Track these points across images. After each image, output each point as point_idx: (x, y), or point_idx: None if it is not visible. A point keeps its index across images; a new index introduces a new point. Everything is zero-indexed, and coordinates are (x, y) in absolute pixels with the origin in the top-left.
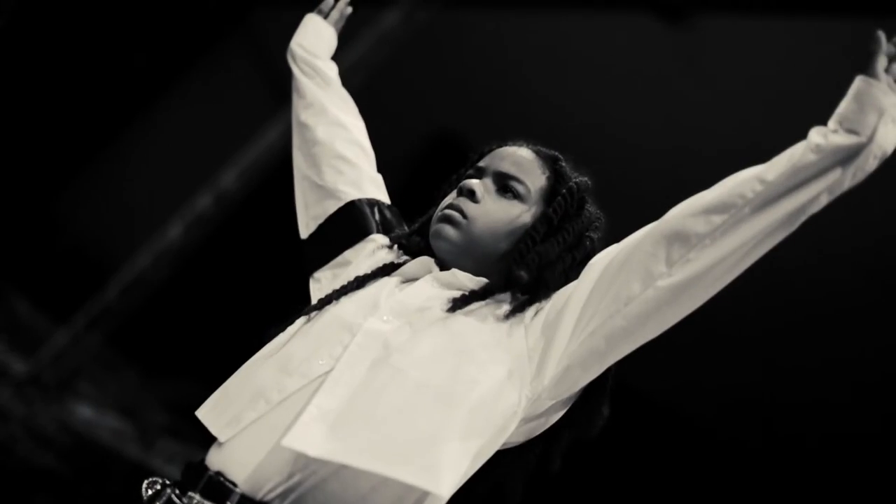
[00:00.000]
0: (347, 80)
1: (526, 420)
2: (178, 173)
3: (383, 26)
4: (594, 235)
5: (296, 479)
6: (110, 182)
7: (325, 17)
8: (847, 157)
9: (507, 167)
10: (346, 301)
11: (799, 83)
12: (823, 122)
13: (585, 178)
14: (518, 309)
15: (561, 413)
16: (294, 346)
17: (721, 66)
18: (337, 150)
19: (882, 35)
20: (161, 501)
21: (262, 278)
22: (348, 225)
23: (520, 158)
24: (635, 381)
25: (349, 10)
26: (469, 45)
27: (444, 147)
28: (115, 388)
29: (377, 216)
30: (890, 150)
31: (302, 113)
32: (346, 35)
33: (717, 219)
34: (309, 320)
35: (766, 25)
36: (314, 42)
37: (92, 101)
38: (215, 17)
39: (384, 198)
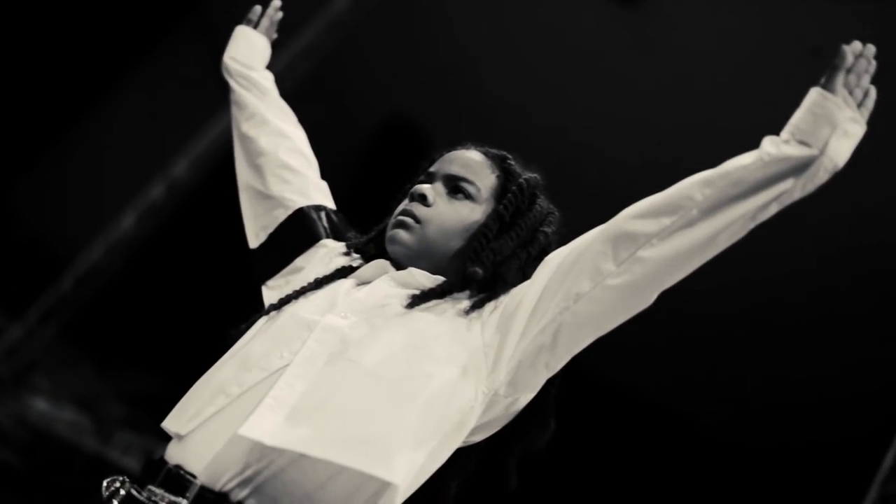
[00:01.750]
0: (299, 67)
1: (489, 419)
2: (130, 164)
3: (333, 11)
4: (548, 230)
5: (253, 468)
6: (62, 174)
7: (256, 26)
8: (798, 168)
9: (456, 169)
10: (304, 301)
11: (751, 63)
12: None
13: (535, 175)
14: (477, 306)
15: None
16: (254, 344)
17: (673, 46)
18: (281, 160)
19: (848, 52)
20: (120, 497)
21: (215, 267)
22: (298, 232)
23: (468, 160)
24: (626, 378)
25: (279, 15)
26: (420, 27)
27: (397, 130)
28: (71, 381)
29: (325, 222)
30: (841, 164)
31: (243, 125)
32: (297, 21)
33: (666, 220)
34: (268, 321)
35: (717, 5)
36: (247, 53)
37: (42, 94)
38: (166, 8)
39: (330, 204)
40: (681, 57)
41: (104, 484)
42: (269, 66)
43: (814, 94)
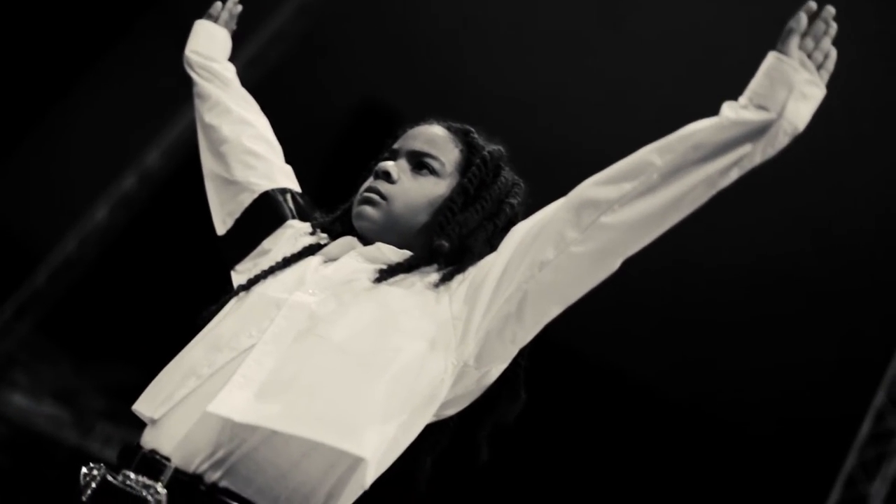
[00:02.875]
0: (269, 53)
1: (460, 393)
2: (101, 156)
3: None
4: (514, 201)
5: (225, 448)
6: (33, 168)
7: (216, 20)
8: (757, 132)
9: (419, 145)
10: (272, 280)
11: (723, 43)
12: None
13: (499, 147)
14: (445, 279)
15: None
16: (223, 325)
17: (645, 25)
18: (245, 146)
19: (804, 17)
20: (96, 483)
21: (190, 255)
22: (264, 216)
23: (431, 135)
24: (598, 353)
25: (238, 8)
26: (388, 9)
27: (369, 113)
28: (48, 374)
29: (291, 204)
30: (801, 127)
31: (206, 115)
32: (265, 8)
33: (627, 185)
34: (237, 302)
35: None
36: (208, 46)
37: (10, 88)
38: None
39: (296, 187)
40: (653, 35)
41: (82, 472)
42: (239, 54)
43: (770, 57)
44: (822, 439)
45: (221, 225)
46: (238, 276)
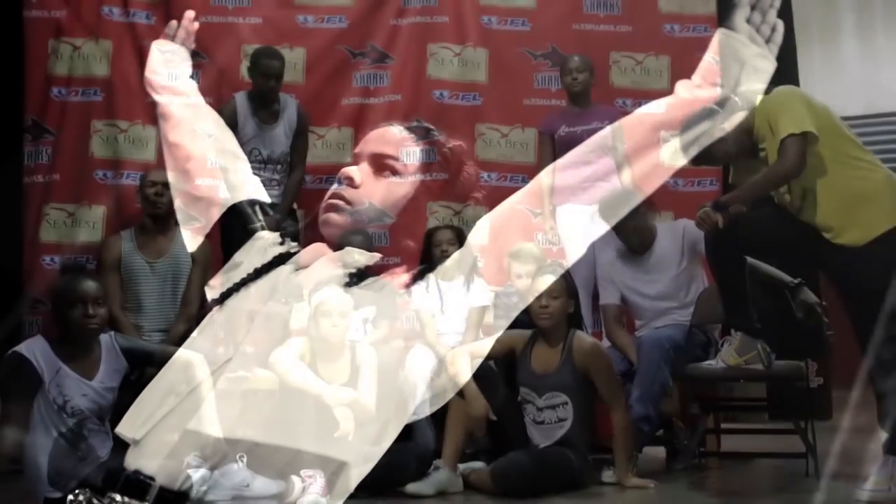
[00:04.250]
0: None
1: (438, 390)
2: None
3: None
4: (478, 195)
5: (209, 463)
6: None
7: (172, 38)
8: (712, 108)
9: (380, 147)
10: (244, 292)
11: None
12: None
13: (460, 143)
14: (416, 278)
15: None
16: (199, 341)
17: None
18: (211, 161)
19: None
20: None
21: None
22: (234, 228)
23: (391, 137)
24: None
25: (195, 25)
26: None
27: None
28: None
29: (259, 214)
30: (756, 100)
31: (170, 133)
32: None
33: (587, 170)
34: (212, 316)
35: None
36: (166, 66)
37: None
38: None
39: (265, 197)
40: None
41: (68, 499)
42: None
43: (719, 34)
44: None
45: (192, 242)
46: (211, 291)
